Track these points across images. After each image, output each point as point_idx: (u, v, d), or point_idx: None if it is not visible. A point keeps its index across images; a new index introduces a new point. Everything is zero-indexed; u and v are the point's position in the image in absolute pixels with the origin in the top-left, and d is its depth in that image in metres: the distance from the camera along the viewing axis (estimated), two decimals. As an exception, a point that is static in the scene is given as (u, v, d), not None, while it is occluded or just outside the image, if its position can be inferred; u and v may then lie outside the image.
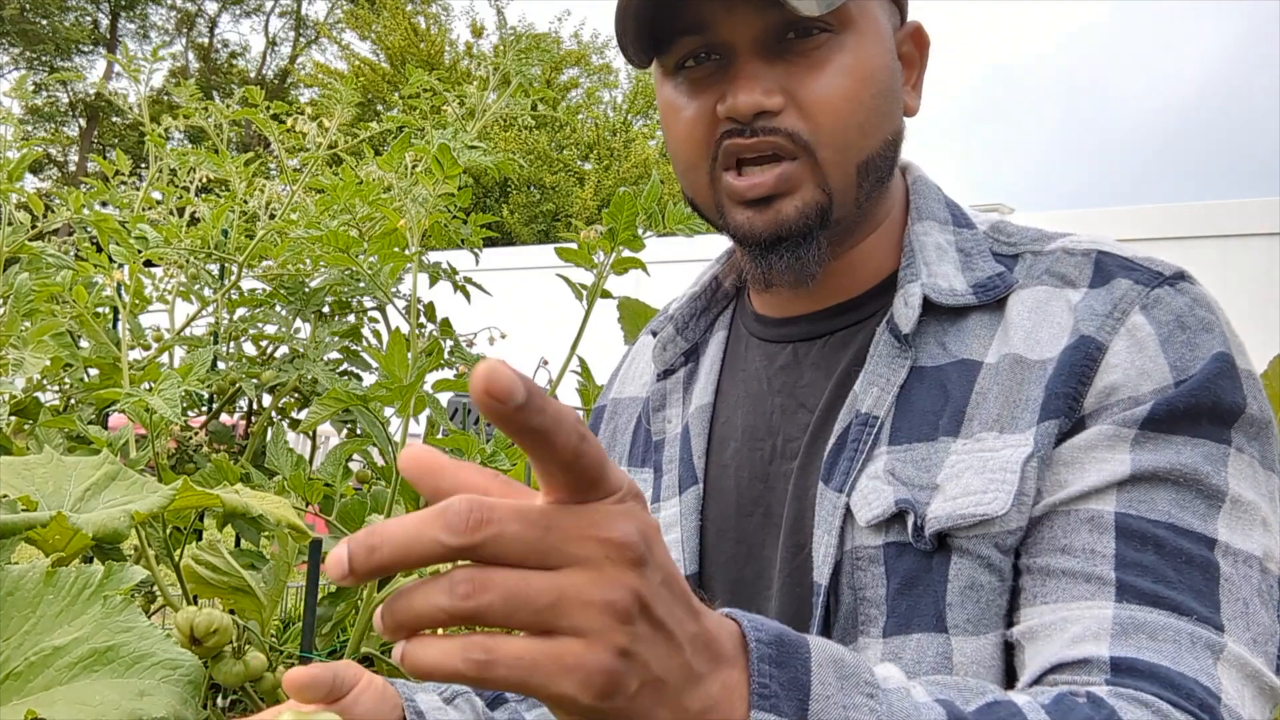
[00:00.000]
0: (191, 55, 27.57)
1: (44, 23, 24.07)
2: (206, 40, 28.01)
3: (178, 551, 1.60)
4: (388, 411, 1.60)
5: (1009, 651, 0.63)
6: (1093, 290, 0.66)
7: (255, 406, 2.36)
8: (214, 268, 2.31)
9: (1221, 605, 0.57)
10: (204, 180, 2.51)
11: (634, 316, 1.59)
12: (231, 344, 2.30)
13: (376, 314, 2.33)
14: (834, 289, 0.75)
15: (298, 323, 2.20)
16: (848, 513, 0.67)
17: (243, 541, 1.99)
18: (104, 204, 2.33)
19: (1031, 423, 0.63)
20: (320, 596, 1.71)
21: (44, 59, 24.11)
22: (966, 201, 0.79)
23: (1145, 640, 0.56)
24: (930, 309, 0.70)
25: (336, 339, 2.20)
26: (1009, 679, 0.62)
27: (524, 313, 7.84)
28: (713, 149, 0.70)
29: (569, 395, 1.74)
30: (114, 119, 24.83)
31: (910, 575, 0.64)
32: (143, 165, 2.54)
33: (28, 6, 23.78)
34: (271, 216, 2.23)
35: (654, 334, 0.88)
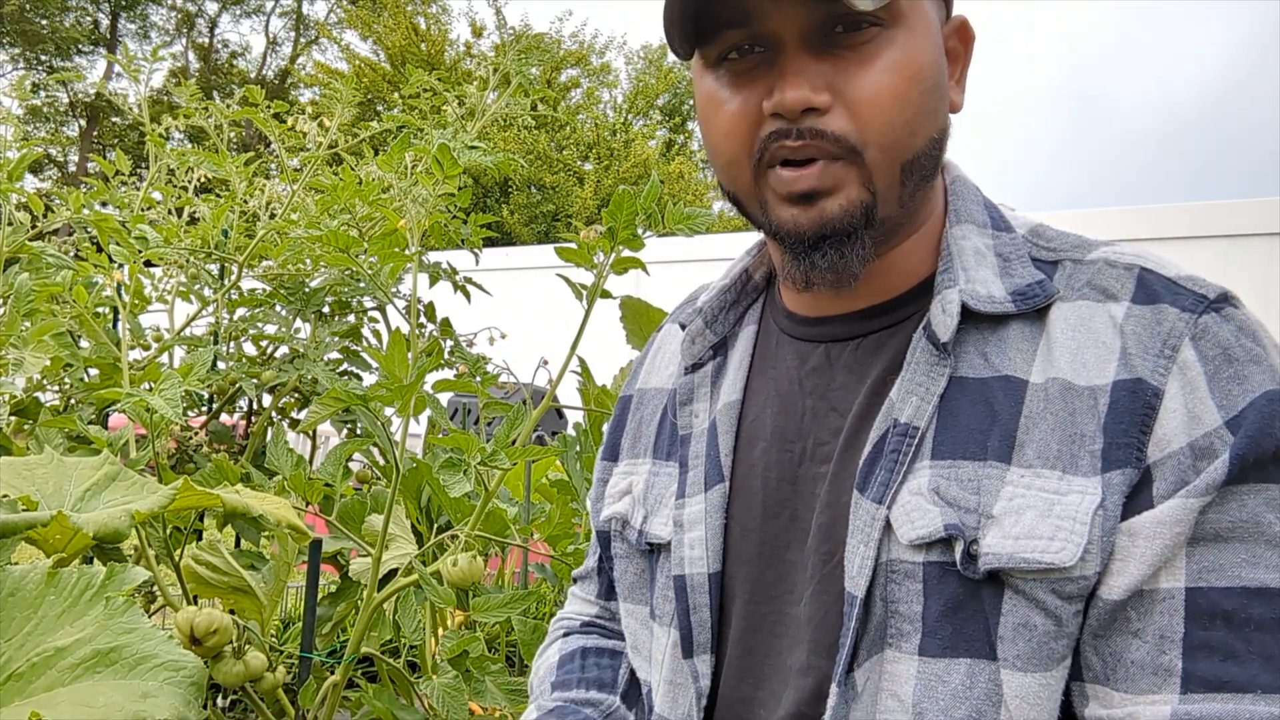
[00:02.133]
0: (192, 55, 27.55)
1: (44, 23, 24.05)
2: (207, 40, 28.00)
3: (178, 551, 1.60)
4: (388, 411, 1.60)
5: (1066, 691, 0.63)
6: (1135, 306, 0.65)
7: (255, 406, 2.36)
8: (214, 268, 2.31)
9: None
10: (204, 180, 2.51)
11: (636, 316, 1.59)
12: (231, 344, 2.30)
13: (376, 314, 2.33)
14: (869, 290, 0.74)
15: (298, 323, 2.20)
16: (887, 526, 0.66)
17: (243, 541, 2.00)
18: (104, 204, 2.32)
19: (1094, 469, 0.61)
20: (320, 596, 1.71)
21: (43, 59, 24.10)
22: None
23: None
24: (969, 316, 0.68)
25: (336, 339, 2.20)
26: (1063, 716, 0.62)
27: (524, 313, 7.84)
28: (757, 145, 0.68)
29: (569, 395, 1.74)
30: (114, 119, 24.82)
31: (957, 599, 0.63)
32: (143, 165, 2.54)
33: (28, 6, 23.77)
34: (272, 216, 2.23)
35: (682, 326, 0.86)
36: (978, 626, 0.63)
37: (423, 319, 2.13)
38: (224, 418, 2.35)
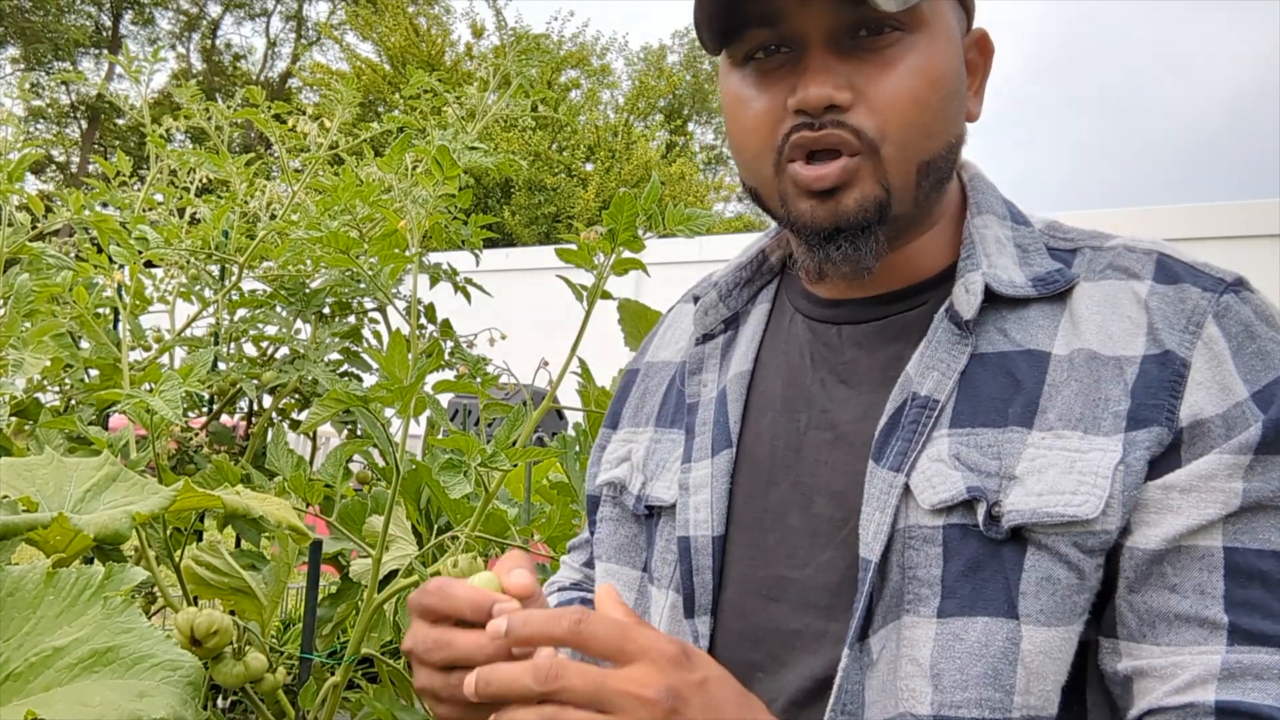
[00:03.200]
0: (195, 58, 27.58)
1: (44, 23, 24.06)
2: (209, 43, 27.99)
3: (178, 552, 1.60)
4: (388, 412, 1.60)
5: (1082, 648, 0.64)
6: (1158, 285, 0.68)
7: (256, 407, 2.36)
8: (214, 269, 2.31)
9: None
10: (204, 181, 2.52)
11: (634, 318, 1.59)
12: (232, 345, 2.30)
13: (377, 315, 2.33)
14: (887, 279, 0.76)
15: (298, 324, 2.20)
16: (906, 492, 0.67)
17: (243, 542, 2.00)
18: (105, 205, 2.33)
19: (1117, 428, 0.64)
20: (320, 597, 1.71)
21: (45, 60, 24.12)
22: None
23: (1251, 682, 0.58)
24: (990, 298, 0.70)
25: (337, 340, 2.20)
26: (1077, 675, 0.64)
27: (524, 314, 7.84)
28: (779, 141, 0.71)
29: (569, 396, 1.74)
30: (116, 120, 24.84)
31: (976, 559, 0.65)
32: (144, 166, 2.54)
33: (28, 7, 23.79)
34: (272, 217, 2.24)
35: (695, 300, 0.89)
36: (997, 585, 0.64)
37: (423, 320, 2.13)
38: (224, 419, 2.35)
